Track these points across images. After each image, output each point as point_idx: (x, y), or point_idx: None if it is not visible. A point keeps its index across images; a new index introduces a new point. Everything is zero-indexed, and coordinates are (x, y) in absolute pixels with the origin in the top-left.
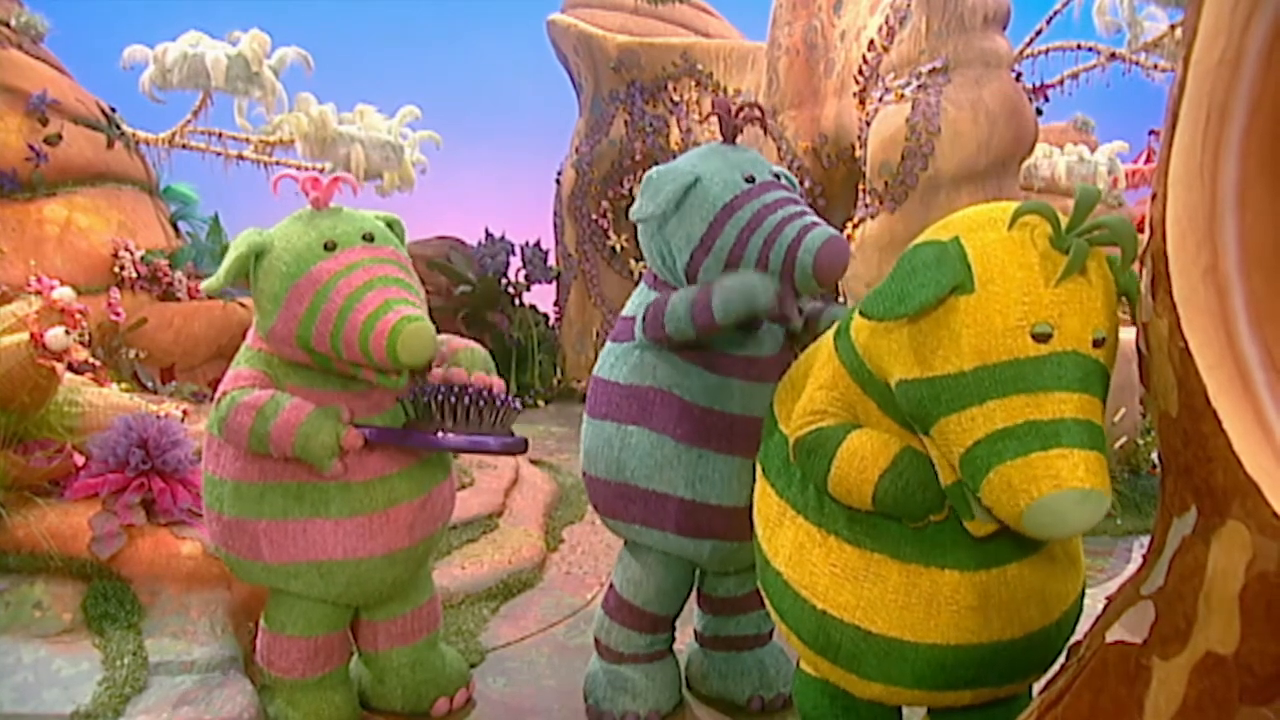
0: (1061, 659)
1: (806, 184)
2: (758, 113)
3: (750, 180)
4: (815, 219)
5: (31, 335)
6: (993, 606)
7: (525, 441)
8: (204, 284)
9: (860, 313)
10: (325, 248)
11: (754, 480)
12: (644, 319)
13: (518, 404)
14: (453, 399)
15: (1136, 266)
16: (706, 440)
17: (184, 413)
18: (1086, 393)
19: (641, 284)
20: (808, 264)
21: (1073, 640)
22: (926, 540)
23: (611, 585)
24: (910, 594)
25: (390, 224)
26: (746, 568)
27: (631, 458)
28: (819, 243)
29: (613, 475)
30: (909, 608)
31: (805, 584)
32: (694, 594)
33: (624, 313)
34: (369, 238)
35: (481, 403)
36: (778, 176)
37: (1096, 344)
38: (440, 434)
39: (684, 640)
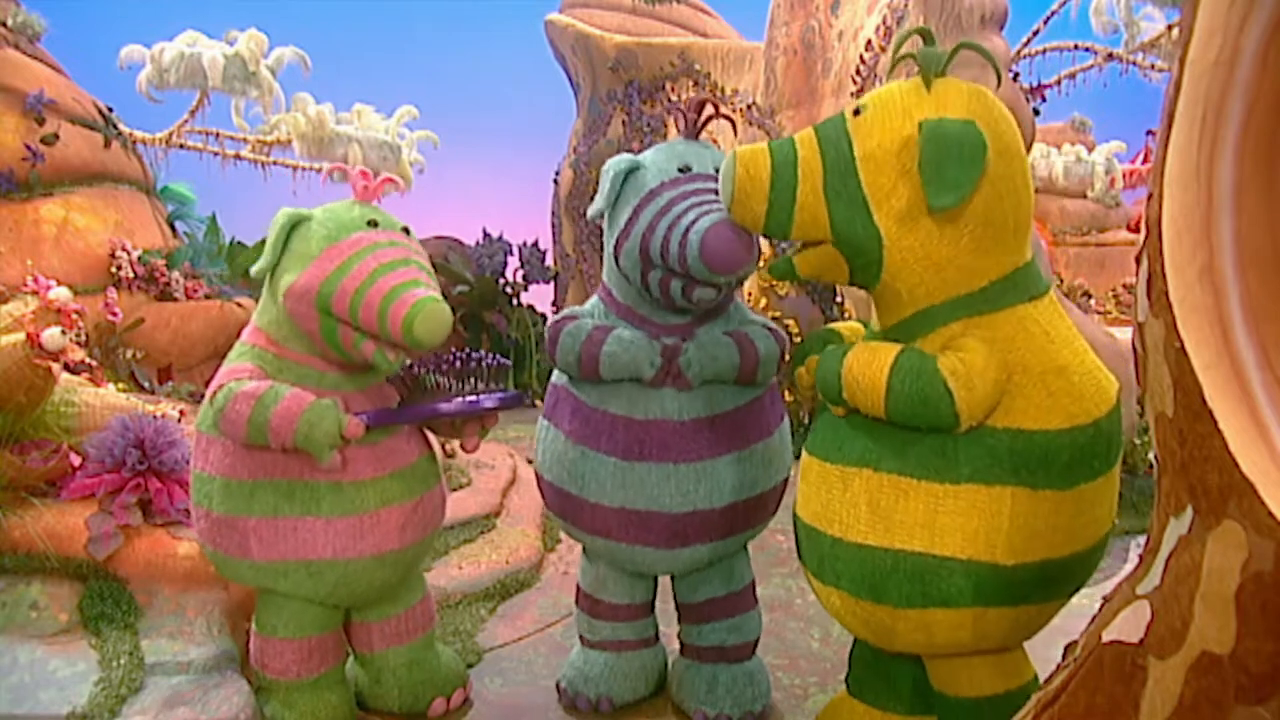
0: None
1: None
2: (713, 110)
3: (684, 170)
4: (722, 207)
5: (28, 335)
6: (837, 499)
7: (520, 395)
8: (253, 269)
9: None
10: (368, 223)
11: (640, 483)
12: (547, 335)
13: (506, 361)
14: (439, 369)
15: (1133, 266)
16: (588, 438)
17: (180, 413)
18: (814, 129)
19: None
20: (695, 248)
21: (1069, 640)
22: (829, 436)
23: None
24: (811, 486)
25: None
26: (687, 572)
27: (543, 452)
28: (705, 227)
29: (538, 467)
30: (809, 498)
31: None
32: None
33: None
34: (406, 230)
35: (469, 366)
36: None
37: (856, 111)
38: (436, 404)
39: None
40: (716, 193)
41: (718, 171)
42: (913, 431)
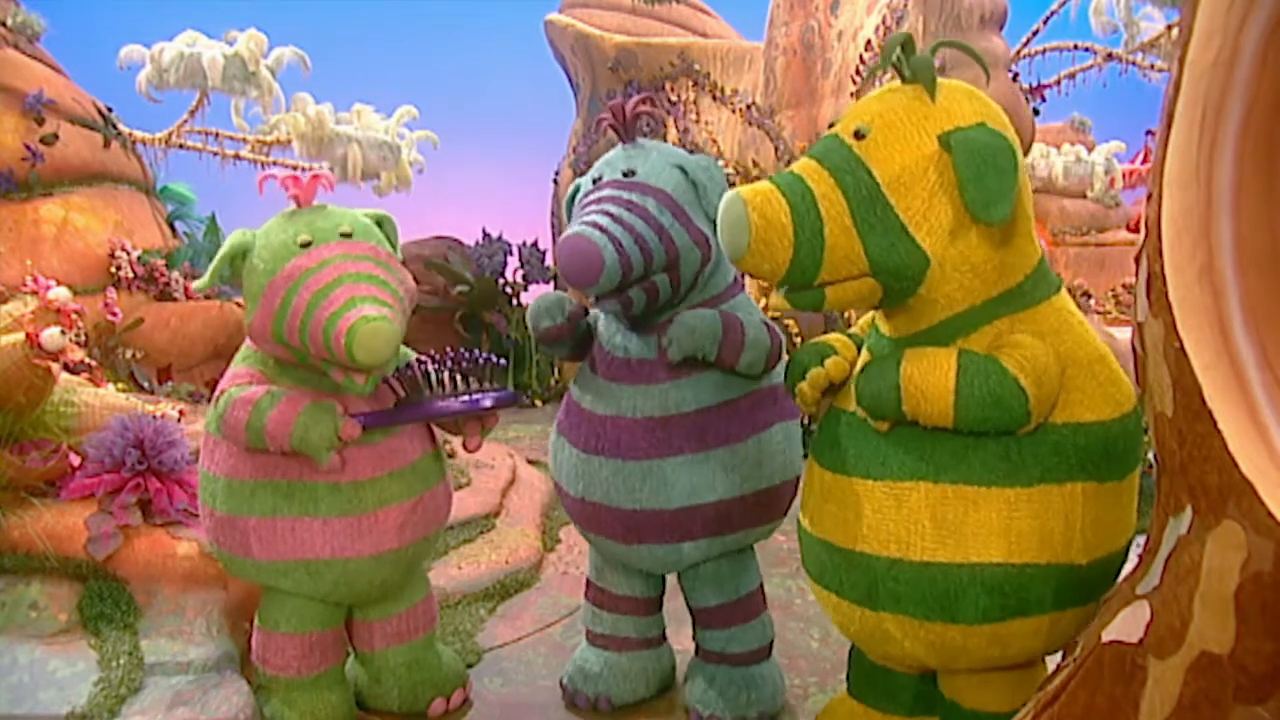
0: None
1: None
2: (648, 107)
3: (596, 180)
4: (594, 218)
5: (27, 335)
6: (852, 513)
7: (517, 394)
8: (195, 284)
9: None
10: (301, 245)
11: (593, 477)
12: None
13: (502, 360)
14: (437, 367)
15: (1133, 266)
16: (565, 429)
17: (180, 413)
18: (815, 159)
19: None
20: (558, 259)
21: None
22: (833, 445)
23: None
24: (809, 488)
25: (380, 221)
26: (654, 569)
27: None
28: (562, 241)
29: None
30: (808, 501)
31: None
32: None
33: None
34: (347, 234)
35: (466, 365)
36: (629, 173)
37: (856, 134)
38: (433, 404)
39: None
40: (603, 200)
41: (627, 175)
42: (967, 438)
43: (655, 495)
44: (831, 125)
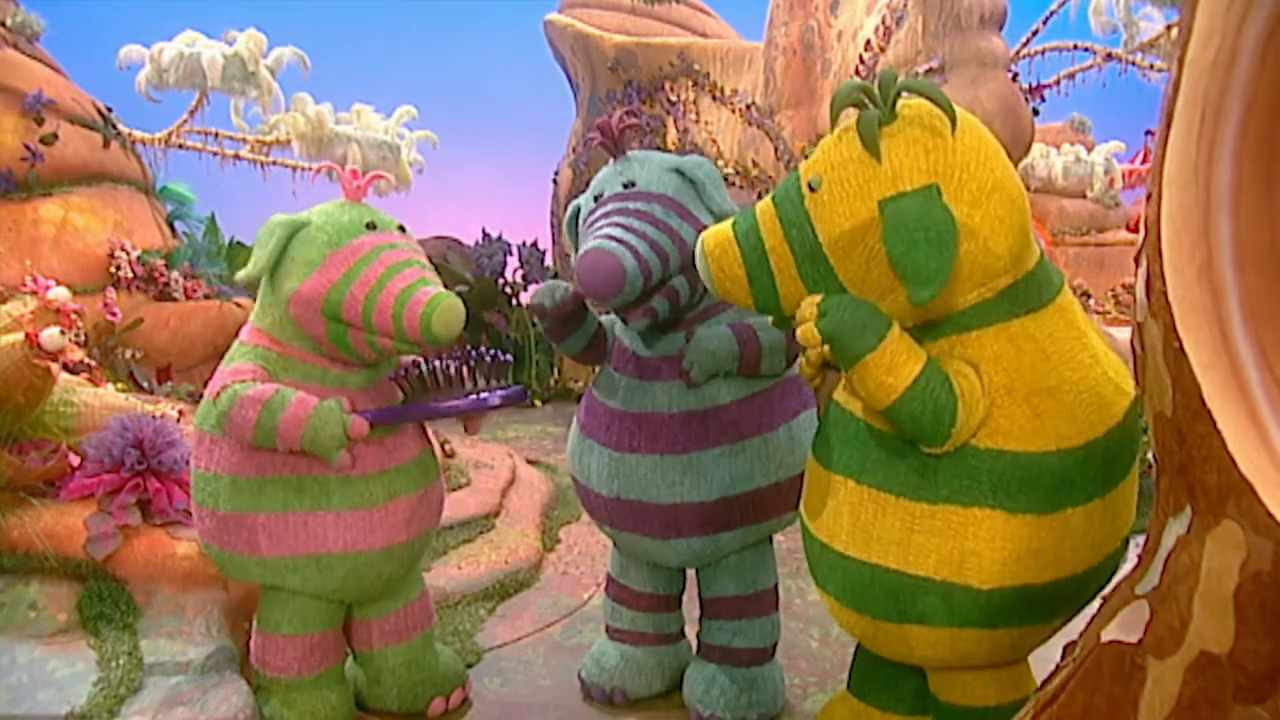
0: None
1: None
2: (634, 120)
3: (598, 198)
4: (608, 231)
5: (27, 335)
6: (837, 510)
7: (524, 390)
8: (240, 274)
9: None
10: (367, 226)
11: (630, 474)
12: None
13: (507, 357)
14: (443, 366)
15: (1133, 266)
16: (592, 430)
17: (180, 413)
18: (775, 205)
19: None
20: (579, 276)
21: (1068, 640)
22: (824, 441)
23: None
24: (809, 486)
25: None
26: (688, 564)
27: (569, 443)
28: (579, 258)
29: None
30: (808, 498)
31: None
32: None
33: None
34: (402, 229)
35: (471, 363)
36: (629, 184)
37: (810, 186)
38: (440, 401)
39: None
40: (610, 214)
41: (627, 187)
42: (897, 446)
43: (696, 488)
44: (806, 155)
